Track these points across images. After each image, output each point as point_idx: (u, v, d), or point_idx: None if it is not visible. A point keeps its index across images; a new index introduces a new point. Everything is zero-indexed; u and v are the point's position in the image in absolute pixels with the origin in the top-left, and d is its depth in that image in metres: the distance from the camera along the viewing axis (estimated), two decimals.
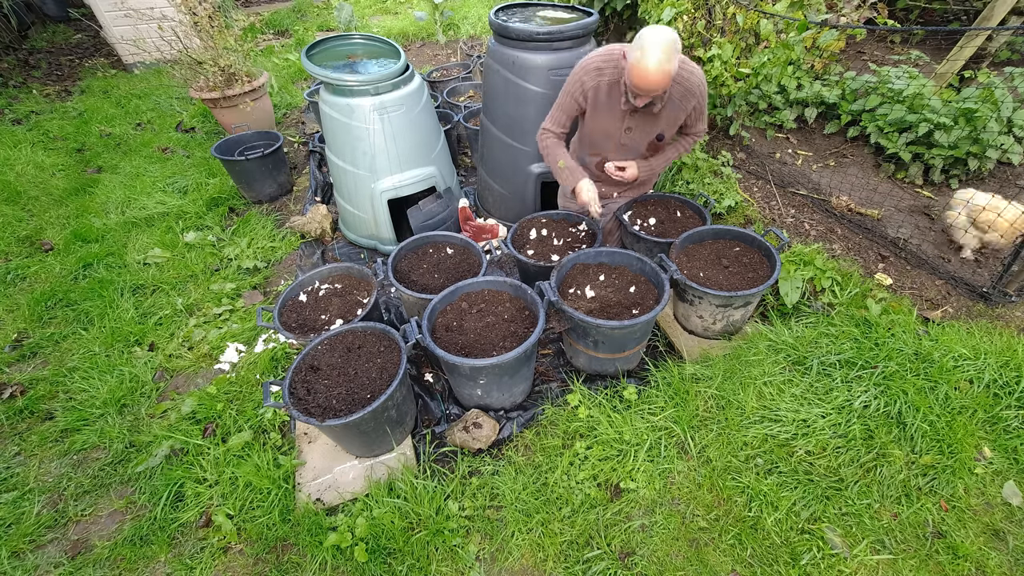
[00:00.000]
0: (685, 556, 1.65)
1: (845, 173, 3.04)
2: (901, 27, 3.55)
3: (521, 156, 2.80)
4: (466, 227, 3.02)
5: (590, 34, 2.55)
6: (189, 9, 3.88)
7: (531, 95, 2.56)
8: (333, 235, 3.27)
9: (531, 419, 2.06)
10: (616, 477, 1.82)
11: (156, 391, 2.31)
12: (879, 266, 2.52)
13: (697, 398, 2.01)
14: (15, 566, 1.72)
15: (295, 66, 5.70)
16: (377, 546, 1.67)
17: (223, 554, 1.73)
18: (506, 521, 1.74)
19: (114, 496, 1.93)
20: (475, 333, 1.97)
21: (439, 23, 6.55)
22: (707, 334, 2.31)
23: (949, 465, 1.77)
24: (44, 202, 3.59)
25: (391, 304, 2.72)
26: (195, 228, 3.25)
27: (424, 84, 2.83)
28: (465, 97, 4.32)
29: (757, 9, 2.81)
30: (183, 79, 4.11)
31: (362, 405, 1.69)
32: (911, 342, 2.07)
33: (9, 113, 4.79)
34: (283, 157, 3.61)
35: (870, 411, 1.90)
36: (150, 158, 4.08)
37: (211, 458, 1.95)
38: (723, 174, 2.99)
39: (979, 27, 3.06)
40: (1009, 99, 2.68)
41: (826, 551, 1.60)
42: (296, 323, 2.10)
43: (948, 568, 1.58)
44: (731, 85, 2.94)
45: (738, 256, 2.29)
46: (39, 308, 2.71)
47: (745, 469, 1.81)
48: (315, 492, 1.85)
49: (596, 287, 2.14)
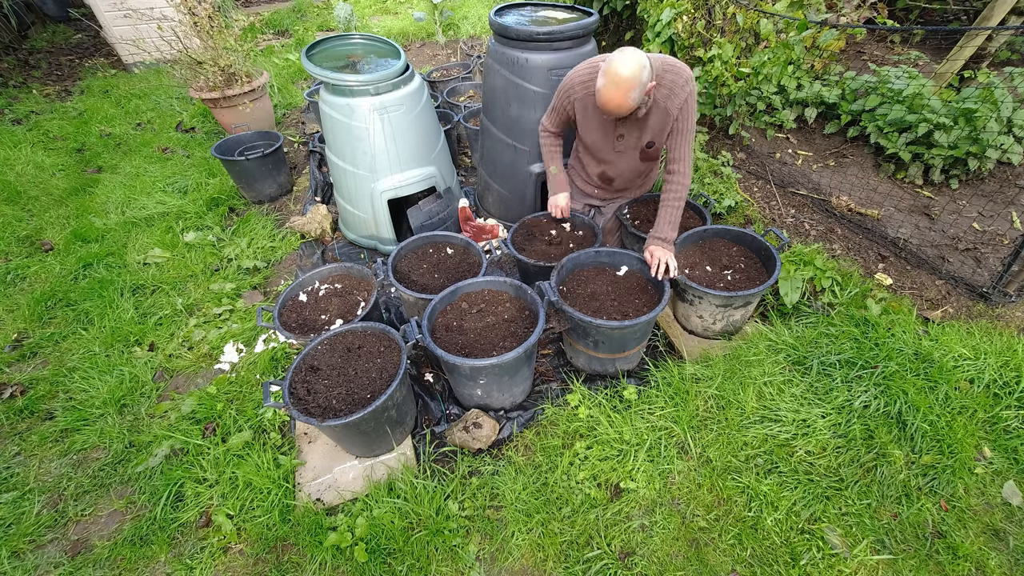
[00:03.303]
0: (685, 556, 1.65)
1: (845, 173, 3.04)
2: (901, 27, 3.55)
3: (521, 156, 2.80)
4: (466, 227, 3.02)
5: (590, 34, 2.55)
6: (189, 9, 3.88)
7: (531, 95, 2.56)
8: (333, 235, 3.27)
9: (531, 419, 2.06)
10: (616, 477, 1.82)
11: (156, 391, 2.31)
12: (879, 266, 2.52)
13: (697, 398, 2.01)
14: (15, 566, 1.72)
15: (295, 66, 5.70)
16: (377, 546, 1.67)
17: (223, 554, 1.73)
18: (506, 521, 1.74)
19: (114, 496, 1.93)
20: (475, 333, 1.97)
21: (439, 23, 6.55)
22: (707, 334, 2.31)
23: (949, 465, 1.77)
24: (44, 202, 3.59)
25: (391, 304, 2.72)
26: (195, 228, 3.25)
27: (424, 84, 2.83)
28: (465, 97, 4.32)
29: (757, 9, 2.81)
30: (183, 79, 4.11)
31: (362, 405, 1.69)
32: (911, 342, 2.07)
33: (9, 113, 4.79)
34: (283, 157, 3.61)
35: (870, 411, 1.90)
36: (150, 158, 4.08)
37: (211, 458, 1.95)
38: (723, 174, 2.99)
39: (979, 27, 3.06)
40: (1009, 99, 2.68)
41: (826, 551, 1.60)
42: (296, 323, 2.10)
43: (948, 568, 1.58)
44: (731, 85, 2.94)
45: (738, 256, 2.29)
46: (39, 308, 2.71)
47: (745, 469, 1.81)
48: (315, 492, 1.85)
49: (596, 287, 2.15)
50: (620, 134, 2.13)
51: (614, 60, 1.78)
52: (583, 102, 2.10)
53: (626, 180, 2.40)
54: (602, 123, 2.13)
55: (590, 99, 2.06)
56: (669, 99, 1.95)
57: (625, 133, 2.12)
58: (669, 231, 2.07)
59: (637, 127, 2.09)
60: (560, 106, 2.18)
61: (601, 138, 2.19)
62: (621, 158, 2.24)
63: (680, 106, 1.95)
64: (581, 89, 2.07)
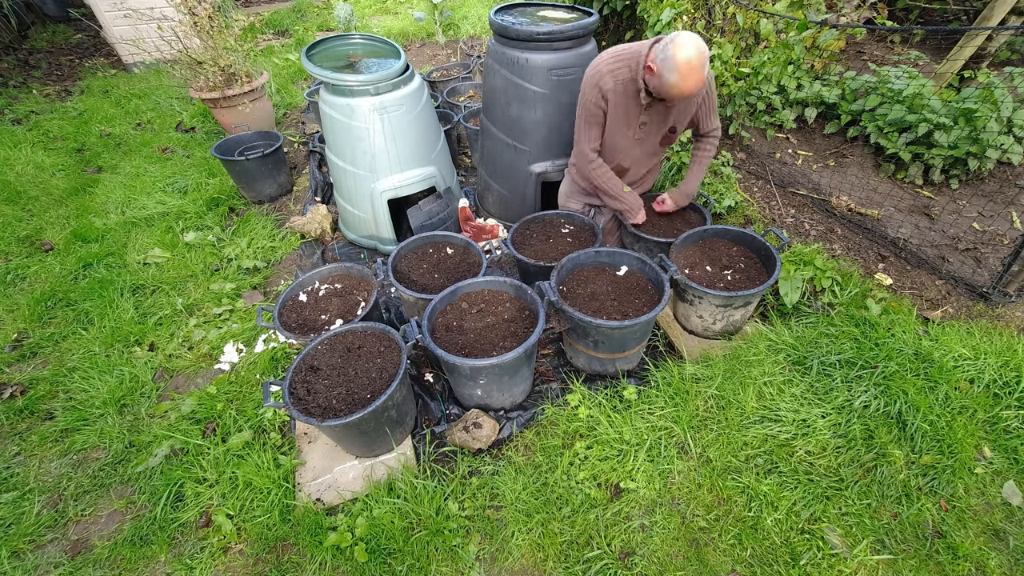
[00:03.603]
0: (685, 556, 1.65)
1: (845, 173, 3.04)
2: (901, 27, 3.55)
3: (521, 156, 2.80)
4: (466, 227, 3.02)
5: (590, 34, 2.55)
6: (189, 9, 3.88)
7: (531, 95, 2.56)
8: (333, 235, 3.27)
9: (531, 419, 2.06)
10: (616, 477, 1.82)
11: (156, 391, 2.31)
12: (879, 266, 2.52)
13: (697, 398, 2.01)
14: (15, 566, 1.72)
15: (295, 66, 5.70)
16: (377, 546, 1.67)
17: (223, 554, 1.73)
18: (506, 521, 1.74)
19: (114, 496, 1.93)
20: (475, 333, 1.97)
21: (438, 23, 6.55)
22: (707, 334, 2.31)
23: (949, 465, 1.77)
24: (44, 202, 3.59)
25: (391, 304, 2.72)
26: (195, 228, 3.25)
27: (424, 84, 2.83)
28: (465, 97, 4.32)
29: (757, 9, 2.81)
30: (183, 79, 4.11)
31: (362, 405, 1.69)
32: (911, 342, 2.07)
33: (9, 113, 4.79)
34: (283, 157, 3.61)
35: (870, 411, 1.90)
36: (150, 158, 4.08)
37: (211, 458, 1.95)
38: (723, 174, 2.99)
39: (979, 27, 3.06)
40: (1009, 99, 2.68)
41: (826, 551, 1.60)
42: (296, 323, 2.10)
43: (948, 568, 1.58)
44: (731, 85, 2.94)
45: (738, 256, 2.29)
46: (39, 308, 2.71)
47: (745, 469, 1.81)
48: (315, 492, 1.85)
49: (596, 287, 2.15)
50: (643, 122, 2.13)
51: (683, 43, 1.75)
52: (614, 91, 2.04)
53: (638, 171, 2.41)
54: (628, 112, 2.11)
55: (621, 86, 2.02)
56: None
57: (648, 120, 2.13)
58: (694, 185, 2.37)
59: (663, 112, 2.11)
60: (593, 109, 2.10)
61: (624, 128, 2.17)
62: (639, 146, 2.25)
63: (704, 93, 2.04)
64: (611, 79, 2.01)
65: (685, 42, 1.76)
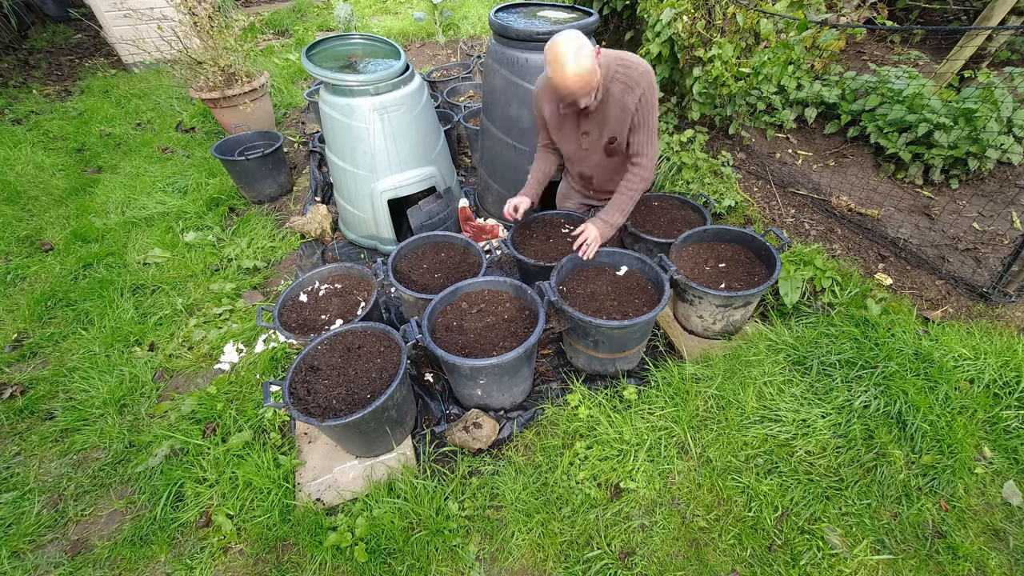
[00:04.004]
0: (685, 556, 1.65)
1: (845, 173, 3.04)
2: (901, 27, 3.55)
3: (521, 156, 2.80)
4: (466, 227, 3.02)
5: (590, 34, 2.55)
6: (189, 9, 3.88)
7: (531, 95, 2.56)
8: (333, 235, 3.27)
9: (531, 419, 2.06)
10: (616, 477, 1.82)
11: (156, 391, 2.31)
12: (879, 266, 2.52)
13: (697, 398, 2.01)
14: (15, 566, 1.72)
15: (295, 66, 5.70)
16: (377, 546, 1.67)
17: (223, 554, 1.73)
18: (506, 521, 1.74)
19: (114, 496, 1.93)
20: (475, 333, 1.97)
21: (438, 23, 6.55)
22: (707, 334, 2.31)
23: (949, 465, 1.77)
24: (44, 202, 3.59)
25: (391, 304, 2.72)
26: (195, 228, 3.25)
27: (424, 84, 2.83)
28: (465, 97, 4.32)
29: (757, 9, 2.81)
30: (183, 79, 4.11)
31: (362, 405, 1.69)
32: (911, 342, 2.07)
33: (9, 113, 4.79)
34: (283, 157, 3.61)
35: (870, 411, 1.90)
36: (150, 158, 4.08)
37: (211, 458, 1.95)
38: (723, 174, 2.99)
39: (979, 27, 3.06)
40: (1009, 99, 2.68)
41: (826, 551, 1.60)
42: (296, 323, 2.10)
43: (948, 568, 1.58)
44: (731, 85, 2.94)
45: (738, 256, 2.29)
46: (39, 308, 2.71)
47: (745, 469, 1.81)
48: (315, 492, 1.85)
49: (596, 286, 2.14)
50: (584, 131, 2.15)
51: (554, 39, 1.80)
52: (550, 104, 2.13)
53: (602, 179, 2.39)
54: (563, 121, 2.15)
55: (546, 95, 2.11)
56: (626, 94, 1.96)
57: (589, 130, 2.14)
58: (615, 215, 2.14)
59: (598, 123, 2.09)
60: (535, 115, 2.24)
61: (570, 138, 2.21)
62: (590, 156, 2.25)
63: (638, 100, 1.96)
64: (541, 91, 2.13)
65: (555, 37, 1.79)
